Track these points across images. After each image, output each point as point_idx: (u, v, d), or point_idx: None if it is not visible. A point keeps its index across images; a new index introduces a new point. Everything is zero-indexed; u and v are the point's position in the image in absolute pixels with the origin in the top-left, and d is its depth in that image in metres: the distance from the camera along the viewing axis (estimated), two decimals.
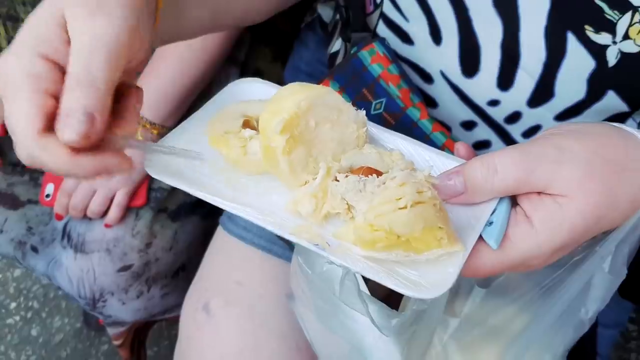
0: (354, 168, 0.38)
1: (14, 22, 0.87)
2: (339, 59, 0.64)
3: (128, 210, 0.86)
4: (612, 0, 0.47)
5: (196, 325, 0.71)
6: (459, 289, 0.48)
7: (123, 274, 0.86)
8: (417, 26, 0.57)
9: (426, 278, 0.34)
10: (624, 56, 0.49)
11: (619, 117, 0.54)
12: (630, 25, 0.47)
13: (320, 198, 0.36)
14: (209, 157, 0.40)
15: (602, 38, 0.49)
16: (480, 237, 0.37)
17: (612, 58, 0.49)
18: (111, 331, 1.01)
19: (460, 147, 0.43)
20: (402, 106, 0.55)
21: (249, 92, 0.45)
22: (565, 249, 0.38)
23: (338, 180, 0.36)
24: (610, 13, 0.48)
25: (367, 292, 0.42)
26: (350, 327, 0.48)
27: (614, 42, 0.49)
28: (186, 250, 0.93)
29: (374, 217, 0.33)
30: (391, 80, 0.55)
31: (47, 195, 0.88)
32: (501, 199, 0.38)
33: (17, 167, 0.96)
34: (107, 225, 0.85)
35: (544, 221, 0.37)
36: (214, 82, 0.86)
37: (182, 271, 0.95)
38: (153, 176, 0.39)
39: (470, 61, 0.54)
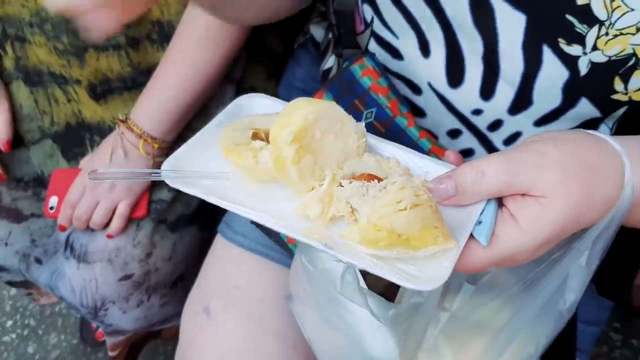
0: (356, 175, 0.42)
1: (21, 42, 0.90)
2: (332, 75, 0.68)
3: (129, 221, 0.89)
4: (581, 15, 0.52)
5: (197, 328, 0.74)
6: (449, 285, 0.52)
7: (124, 283, 0.89)
8: (406, 42, 0.61)
9: (424, 272, 0.38)
10: (594, 66, 0.54)
11: (593, 122, 0.59)
12: (598, 37, 0.52)
13: (327, 202, 0.40)
14: (222, 169, 0.44)
15: (574, 49, 0.53)
16: (471, 235, 0.41)
17: (583, 68, 0.54)
18: (110, 340, 1.03)
19: (450, 154, 0.47)
20: (390, 115, 0.59)
21: (254, 106, 0.49)
22: (548, 245, 0.43)
23: (342, 186, 0.40)
24: (579, 27, 0.52)
25: (366, 287, 0.46)
26: (349, 320, 0.51)
27: (584, 53, 0.54)
28: (184, 261, 0.97)
29: (377, 218, 0.37)
30: (381, 92, 0.59)
31: (51, 208, 0.91)
32: (489, 200, 0.43)
33: (20, 182, 0.99)
34: (109, 236, 0.88)
35: (528, 220, 0.41)
36: (211, 98, 0.90)
37: (180, 281, 0.98)
38: (172, 186, 0.42)
39: (455, 73, 0.59)
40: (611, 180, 0.43)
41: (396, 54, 0.63)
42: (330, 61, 0.69)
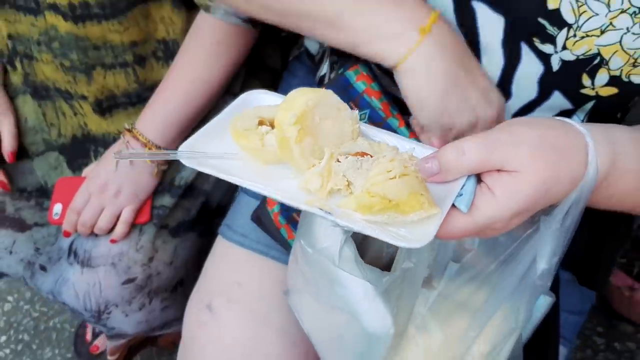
0: (351, 154, 0.47)
1: (29, 59, 0.96)
2: (327, 80, 0.74)
3: (132, 226, 0.94)
4: (551, 18, 0.58)
5: (199, 324, 0.78)
6: (437, 265, 0.57)
7: (127, 286, 0.93)
8: None
9: (412, 234, 0.43)
10: (564, 63, 0.60)
11: (565, 114, 0.65)
12: (567, 38, 0.59)
13: (326, 177, 0.46)
14: (232, 152, 0.49)
15: (547, 48, 0.60)
16: (453, 206, 0.47)
17: (555, 64, 0.61)
18: (111, 344, 1.06)
19: (435, 140, 0.53)
20: (383, 116, 0.65)
21: (258, 100, 0.55)
22: (521, 215, 0.48)
23: (339, 161, 0.46)
24: (550, 29, 0.59)
25: (362, 260, 0.51)
26: (347, 297, 0.56)
27: (556, 52, 0.60)
28: (184, 266, 1.01)
29: (371, 185, 0.43)
30: (374, 95, 0.65)
31: (56, 214, 0.95)
32: (469, 177, 0.48)
33: (24, 192, 1.03)
34: (112, 241, 0.93)
35: (503, 191, 0.47)
36: (212, 110, 0.96)
37: (180, 286, 1.02)
38: (188, 165, 0.48)
39: None
40: (576, 158, 0.49)
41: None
42: (324, 67, 0.75)
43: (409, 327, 0.58)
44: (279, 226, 0.75)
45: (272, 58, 1.06)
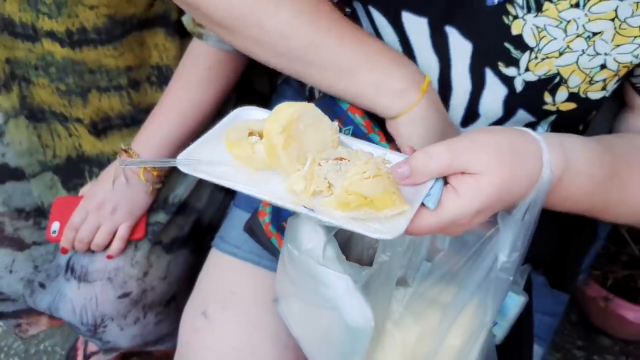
0: (331, 159, 0.53)
1: (27, 83, 1.02)
2: (317, 96, 0.80)
3: (128, 242, 0.98)
4: (515, 43, 0.65)
5: (195, 331, 0.83)
6: (411, 264, 0.63)
7: (123, 300, 0.97)
8: None
9: (386, 227, 0.49)
10: (527, 84, 0.67)
11: (530, 126, 0.71)
12: (529, 61, 0.66)
13: (309, 179, 0.51)
14: (226, 160, 0.55)
15: (511, 71, 0.67)
16: (422, 205, 0.52)
17: (518, 85, 0.67)
18: (105, 357, 1.09)
19: (408, 148, 0.59)
20: (365, 132, 0.71)
21: (248, 115, 0.61)
22: (484, 213, 0.54)
23: (321, 165, 0.51)
24: (515, 52, 0.66)
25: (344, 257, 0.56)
26: (329, 294, 0.61)
27: (519, 74, 0.67)
28: (177, 282, 1.05)
29: (349, 184, 0.48)
30: (357, 113, 0.71)
31: (54, 232, 1.00)
32: (436, 179, 0.54)
33: (22, 212, 1.08)
34: (109, 257, 0.97)
35: (466, 191, 0.52)
36: (204, 132, 1.02)
37: (173, 301, 1.07)
38: (186, 172, 0.53)
39: None
40: (532, 161, 0.55)
41: None
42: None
43: (386, 323, 0.63)
44: (270, 235, 0.80)
45: (260, 82, 1.12)
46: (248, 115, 0.60)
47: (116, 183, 0.96)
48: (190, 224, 1.05)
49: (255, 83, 1.12)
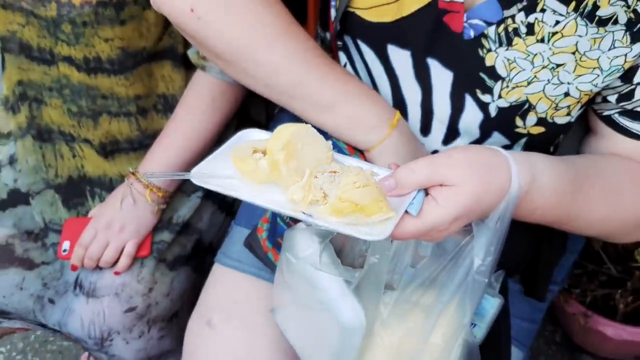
0: (326, 172, 0.60)
1: (38, 104, 1.09)
2: None
3: (134, 259, 1.05)
4: (489, 73, 0.73)
5: (200, 339, 0.89)
6: (396, 269, 0.70)
7: (129, 314, 1.03)
8: None
9: (374, 230, 0.56)
10: (500, 109, 0.75)
11: (504, 148, 0.79)
12: (502, 89, 0.74)
13: (307, 190, 0.59)
14: (232, 174, 0.62)
15: (486, 97, 0.75)
16: (406, 212, 0.60)
17: (492, 111, 0.75)
18: None
19: (393, 165, 0.66)
20: (347, 154, 0.79)
21: (252, 136, 0.68)
22: (460, 220, 0.61)
23: (317, 177, 0.59)
24: (489, 81, 0.74)
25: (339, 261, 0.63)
26: (324, 298, 0.68)
27: (493, 100, 0.75)
28: (180, 299, 1.11)
29: (342, 193, 0.56)
30: None
31: (64, 250, 1.06)
32: (418, 190, 0.61)
33: (30, 234, 1.14)
34: (116, 273, 1.03)
35: (444, 200, 0.60)
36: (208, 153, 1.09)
37: (175, 317, 1.12)
38: (198, 184, 0.60)
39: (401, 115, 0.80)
40: (502, 175, 0.62)
41: None
42: None
43: (375, 324, 0.70)
44: (266, 250, 0.87)
45: (257, 111, 1.20)
46: (251, 136, 0.67)
47: (124, 203, 1.03)
48: (192, 243, 1.12)
49: (252, 112, 1.20)
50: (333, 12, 0.80)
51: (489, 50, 0.72)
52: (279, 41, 0.75)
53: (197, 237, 1.13)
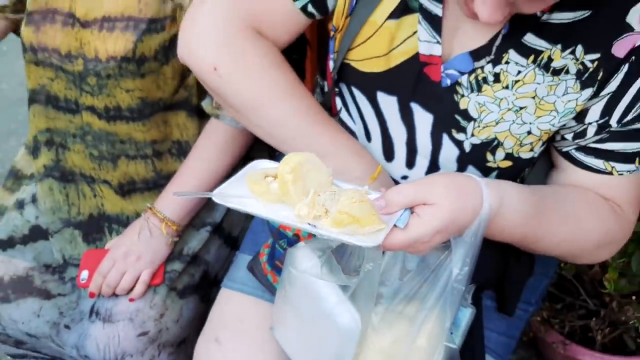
0: (327, 191, 0.72)
1: (63, 149, 1.21)
2: None
3: (148, 287, 1.14)
4: (463, 115, 0.86)
5: (209, 355, 0.98)
6: (385, 282, 0.80)
7: (141, 338, 1.12)
8: (359, 129, 0.95)
9: (368, 239, 0.67)
10: (473, 146, 0.88)
11: None
12: (474, 128, 0.87)
13: (311, 206, 0.70)
14: (246, 195, 0.74)
15: (460, 136, 0.87)
16: (395, 226, 0.71)
17: (467, 147, 0.88)
18: None
19: (383, 189, 0.78)
20: None
21: (262, 165, 0.80)
22: (441, 234, 0.72)
23: (320, 195, 0.71)
24: (463, 122, 0.87)
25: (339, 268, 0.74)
26: (323, 305, 0.78)
27: (467, 138, 0.88)
28: (188, 325, 1.20)
29: (341, 207, 0.67)
30: None
31: (83, 279, 1.16)
32: (405, 209, 0.73)
33: (49, 268, 1.24)
34: (131, 300, 1.13)
35: (426, 216, 0.71)
36: None
37: (183, 344, 1.21)
38: (219, 203, 0.72)
39: (388, 152, 0.92)
40: (475, 197, 0.74)
41: (354, 135, 0.96)
42: None
43: (367, 329, 0.80)
44: (266, 273, 0.98)
45: (260, 156, 1.33)
46: (261, 165, 0.80)
47: (141, 235, 1.14)
48: (200, 274, 1.22)
49: (255, 156, 1.33)
50: (331, 64, 0.93)
51: (463, 96, 0.85)
52: (285, 99, 0.89)
53: (205, 268, 1.23)
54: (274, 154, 1.30)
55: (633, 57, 0.78)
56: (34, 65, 1.17)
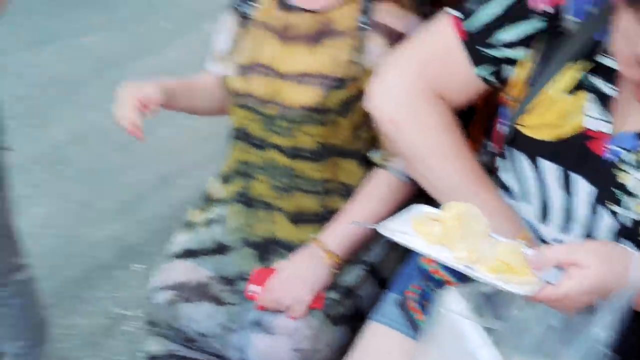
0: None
1: (251, 179, 1.41)
2: None
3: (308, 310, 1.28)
4: (622, 189, 0.90)
5: None
6: (530, 334, 0.86)
7: (297, 354, 1.26)
8: (516, 188, 1.01)
9: (522, 288, 0.75)
10: (633, 222, 0.90)
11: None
12: (637, 205, 0.90)
13: (470, 252, 0.80)
14: (410, 232, 0.86)
15: (619, 210, 0.91)
16: (546, 281, 0.78)
17: (626, 222, 0.90)
18: None
19: (536, 247, 0.85)
20: None
21: (420, 209, 0.91)
22: (588, 295, 0.78)
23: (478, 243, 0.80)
24: (622, 197, 0.90)
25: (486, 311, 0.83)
26: (468, 347, 0.86)
27: (626, 213, 0.90)
28: (338, 351, 1.32)
29: (499, 255, 0.77)
30: None
31: (250, 291, 1.32)
32: (558, 268, 0.80)
33: (225, 279, 1.41)
34: (293, 318, 1.28)
35: (577, 276, 0.78)
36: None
37: None
38: (385, 235, 0.84)
39: (543, 215, 0.98)
40: (626, 265, 0.79)
41: (511, 194, 1.04)
42: None
43: None
44: (413, 310, 1.07)
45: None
46: (420, 209, 0.91)
47: (307, 263, 1.29)
48: (353, 306, 1.34)
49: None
50: (504, 128, 1.03)
51: (623, 171, 0.90)
52: (451, 158, 1.02)
53: (358, 302, 1.35)
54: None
55: None
56: (240, 108, 1.40)
